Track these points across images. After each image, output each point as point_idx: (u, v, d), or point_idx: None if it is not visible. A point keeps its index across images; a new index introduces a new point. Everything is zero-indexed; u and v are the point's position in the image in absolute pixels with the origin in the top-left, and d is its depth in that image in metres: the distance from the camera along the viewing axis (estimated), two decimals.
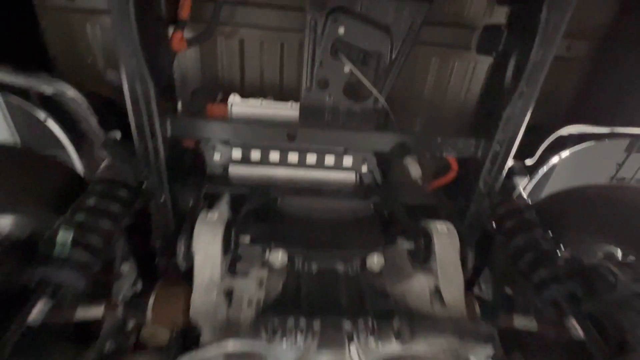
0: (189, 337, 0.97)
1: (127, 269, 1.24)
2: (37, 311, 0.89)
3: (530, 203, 1.29)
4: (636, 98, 1.44)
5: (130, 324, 1.20)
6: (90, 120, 1.49)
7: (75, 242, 0.97)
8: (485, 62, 1.39)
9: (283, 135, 1.07)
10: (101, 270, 1.20)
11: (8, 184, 1.02)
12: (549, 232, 1.20)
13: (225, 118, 1.16)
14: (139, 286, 1.33)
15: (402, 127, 1.21)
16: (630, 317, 1.08)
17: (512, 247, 1.19)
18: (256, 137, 1.08)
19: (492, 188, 1.17)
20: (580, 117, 1.42)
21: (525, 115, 1.03)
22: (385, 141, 1.12)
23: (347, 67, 1.11)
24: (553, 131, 1.40)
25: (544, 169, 1.61)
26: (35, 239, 1.04)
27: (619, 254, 1.15)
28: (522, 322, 1.16)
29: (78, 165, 1.44)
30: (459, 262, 0.97)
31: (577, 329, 1.02)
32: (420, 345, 0.85)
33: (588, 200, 1.23)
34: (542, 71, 0.96)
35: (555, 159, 1.58)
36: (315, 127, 1.10)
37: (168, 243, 1.22)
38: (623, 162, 1.98)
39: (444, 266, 0.95)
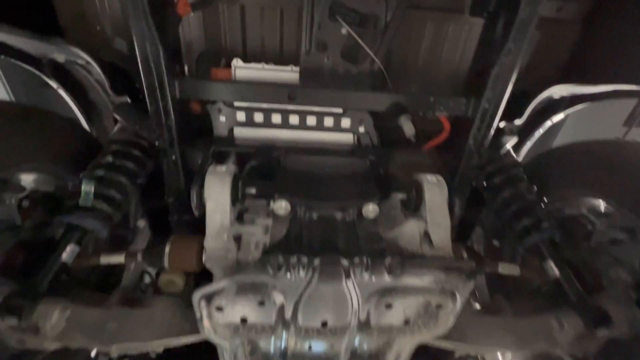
0: (202, 283, 1.09)
1: (143, 225, 1.34)
2: (67, 253, 0.99)
3: (517, 161, 1.37)
4: (628, 58, 1.47)
5: (149, 273, 1.32)
6: (99, 88, 1.56)
7: (96, 194, 1.07)
8: (478, 26, 1.43)
9: (284, 96, 1.14)
10: (119, 225, 1.31)
11: (30, 143, 1.11)
12: (534, 186, 1.28)
13: (229, 81, 1.23)
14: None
15: (397, 88, 1.27)
16: (604, 262, 1.17)
17: (499, 201, 1.28)
18: (259, 97, 1.15)
19: (482, 145, 1.24)
20: (573, 80, 1.47)
21: (512, 73, 1.09)
22: (381, 101, 1.19)
23: (344, 30, 1.16)
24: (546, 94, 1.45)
25: (540, 131, 1.67)
26: (58, 194, 1.14)
27: (602, 206, 1.24)
28: (506, 268, 1.26)
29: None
30: (446, 209, 1.05)
31: (554, 271, 1.12)
32: (410, 279, 0.96)
33: (576, 156, 1.30)
34: (529, 28, 1.01)
35: (548, 122, 1.64)
36: (314, 87, 1.16)
37: (179, 200, 1.31)
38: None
39: (432, 212, 1.04)
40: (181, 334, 1.11)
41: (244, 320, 1.00)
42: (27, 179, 1.13)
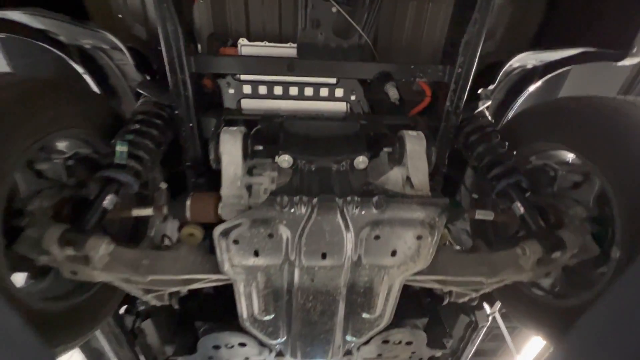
0: None
1: (165, 186, 1.54)
2: (107, 201, 1.19)
3: (491, 121, 1.55)
4: (595, 23, 1.59)
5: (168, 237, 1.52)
6: (119, 73, 1.75)
7: (128, 154, 1.26)
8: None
9: (284, 67, 1.33)
10: (144, 186, 1.50)
11: (65, 111, 1.26)
12: (506, 142, 1.46)
13: (237, 56, 1.41)
14: None
15: (383, 59, 1.45)
16: (565, 203, 1.36)
17: (474, 156, 1.46)
18: (262, 69, 1.34)
19: (458, 107, 1.42)
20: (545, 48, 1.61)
21: (479, 40, 1.27)
22: (369, 70, 1.37)
23: (334, 8, 1.34)
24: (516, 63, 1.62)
25: (520, 100, 1.84)
26: (94, 157, 1.34)
27: (565, 155, 1.41)
28: (482, 214, 1.45)
29: None
30: (425, 157, 1.24)
31: (520, 210, 1.30)
32: (393, 212, 1.14)
33: (544, 113, 1.47)
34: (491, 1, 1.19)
35: (526, 92, 1.81)
36: (310, 59, 1.35)
37: (196, 165, 1.51)
38: None
39: (413, 159, 1.23)
40: (203, 272, 1.31)
41: (256, 253, 1.19)
42: (66, 144, 1.32)
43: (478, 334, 2.34)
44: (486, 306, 2.28)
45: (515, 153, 1.44)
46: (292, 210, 1.12)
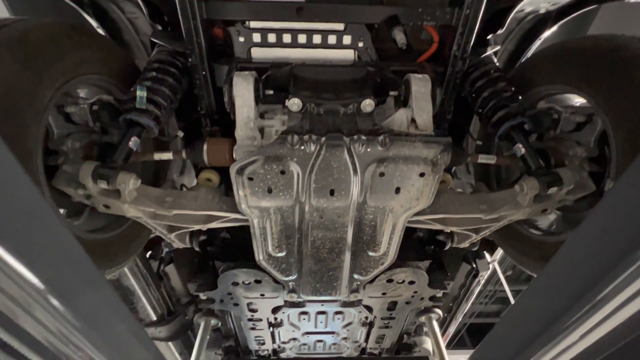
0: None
1: (182, 135, 1.63)
2: (132, 142, 1.29)
3: (498, 66, 1.56)
4: None
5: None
6: (131, 26, 1.79)
7: (147, 100, 1.34)
8: None
9: (293, 12, 1.35)
10: (161, 133, 1.59)
11: (85, 56, 1.32)
12: (512, 87, 1.48)
13: (247, 1, 1.43)
14: None
15: (391, 2, 1.45)
16: (566, 145, 1.40)
17: (480, 101, 1.49)
18: (272, 14, 1.37)
19: (465, 51, 1.43)
20: None
21: None
22: (377, 13, 1.38)
23: None
24: (528, 6, 1.59)
25: (533, 47, 1.81)
26: (116, 103, 1.42)
27: (569, 97, 1.43)
28: (485, 158, 1.50)
29: None
30: (429, 98, 1.28)
31: (522, 150, 1.35)
32: (398, 149, 1.21)
33: (551, 56, 1.46)
34: None
35: (539, 40, 1.78)
36: (318, 3, 1.36)
37: (210, 113, 1.58)
38: None
39: (418, 100, 1.27)
40: (221, 210, 1.42)
41: (269, 190, 1.29)
42: (88, 91, 1.41)
43: (479, 281, 2.49)
44: (487, 255, 2.40)
45: (521, 98, 1.46)
46: (302, 147, 1.20)
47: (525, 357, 1.03)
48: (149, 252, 2.29)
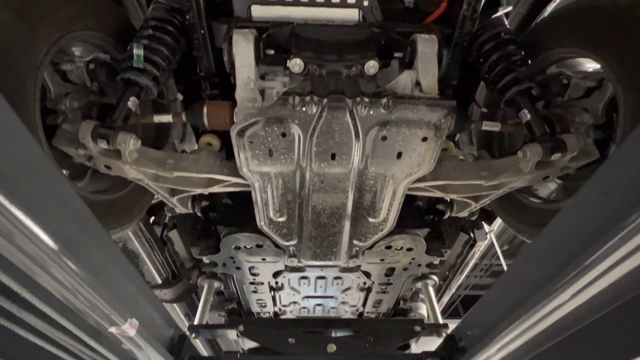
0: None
1: (181, 98, 1.60)
2: (131, 102, 1.27)
3: (509, 29, 1.49)
4: None
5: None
6: None
7: (145, 59, 1.30)
8: None
9: None
10: (160, 95, 1.57)
11: (85, 12, 1.27)
12: (521, 51, 1.42)
13: None
14: None
15: None
16: (573, 112, 1.37)
17: (487, 65, 1.44)
18: None
19: (475, 11, 1.37)
20: None
21: None
22: None
23: None
24: None
25: (548, 10, 1.72)
26: (113, 62, 1.38)
27: (580, 62, 1.38)
28: (489, 125, 1.48)
29: None
30: (435, 60, 1.24)
31: (527, 116, 1.32)
32: (401, 112, 1.19)
33: (561, 18, 1.40)
34: None
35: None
36: None
37: (209, 74, 1.54)
38: None
39: (424, 62, 1.23)
40: (222, 174, 1.43)
41: (270, 152, 1.29)
42: (83, 49, 1.36)
43: (475, 252, 2.54)
44: (485, 226, 2.43)
45: (530, 62, 1.41)
46: (304, 109, 1.18)
47: (520, 313, 1.07)
48: (152, 218, 2.33)
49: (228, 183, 1.49)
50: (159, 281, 2.43)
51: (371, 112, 1.19)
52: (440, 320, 2.04)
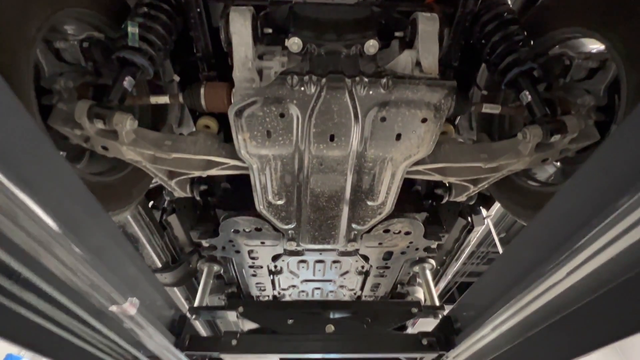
0: None
1: (178, 79, 1.58)
2: (127, 81, 1.25)
3: (511, 8, 1.46)
4: None
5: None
6: None
7: (140, 37, 1.27)
8: None
9: None
10: (157, 76, 1.54)
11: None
12: (524, 31, 1.40)
13: None
14: None
15: None
16: (575, 94, 1.35)
17: (489, 46, 1.42)
18: None
19: None
20: None
21: None
22: None
23: None
24: None
25: None
26: (107, 41, 1.35)
27: (583, 42, 1.36)
28: (489, 108, 1.47)
29: None
30: (436, 39, 1.22)
31: (528, 98, 1.31)
32: (401, 92, 1.18)
33: None
34: None
35: None
36: None
37: (206, 55, 1.51)
38: None
39: (424, 41, 1.21)
40: (220, 156, 1.42)
41: (268, 134, 1.28)
42: (76, 27, 1.33)
43: (472, 237, 2.56)
44: (483, 211, 2.45)
45: (533, 43, 1.39)
46: (302, 89, 1.16)
47: (514, 293, 1.09)
48: (152, 202, 2.33)
49: (226, 165, 1.48)
50: (159, 265, 2.44)
51: (370, 92, 1.17)
52: (437, 303, 2.08)
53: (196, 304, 2.02)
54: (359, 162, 1.41)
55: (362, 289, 2.55)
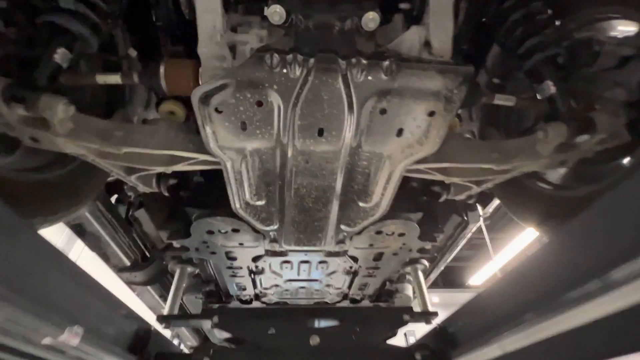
0: None
1: (135, 54, 1.30)
2: (59, 55, 0.97)
3: None
4: None
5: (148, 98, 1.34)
6: None
7: None
8: None
9: None
10: (109, 49, 1.26)
11: None
12: (548, 9, 1.19)
13: None
14: None
15: None
16: (602, 85, 1.16)
17: (506, 26, 1.20)
18: None
19: None
20: None
21: None
22: None
23: None
24: None
25: None
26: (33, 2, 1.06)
27: (617, 24, 1.17)
28: (502, 99, 1.27)
29: None
30: (451, 12, 0.99)
31: (550, 89, 1.11)
32: (406, 79, 0.96)
33: None
34: None
35: None
36: None
37: (169, 25, 1.24)
38: None
39: (436, 15, 0.98)
40: (186, 150, 1.18)
41: (243, 125, 1.04)
42: None
43: (466, 233, 2.43)
44: (479, 208, 2.31)
45: (558, 24, 1.18)
46: (285, 71, 0.92)
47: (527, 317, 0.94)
48: (116, 196, 2.06)
49: (195, 161, 1.24)
50: (128, 263, 2.21)
51: (369, 78, 0.95)
52: (430, 307, 1.95)
53: (166, 311, 1.82)
54: (351, 160, 1.20)
55: (349, 287, 2.41)
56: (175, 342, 2.84)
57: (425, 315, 1.82)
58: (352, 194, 1.36)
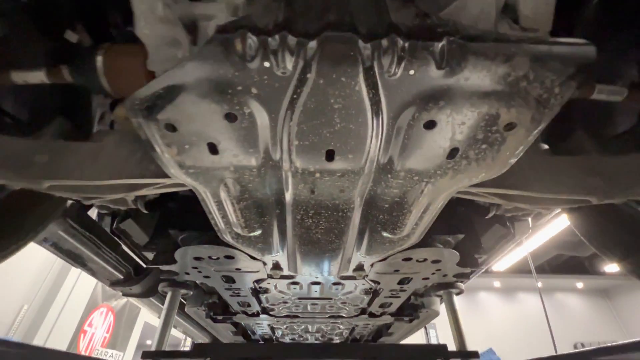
0: None
1: (74, 39, 0.95)
2: None
3: None
4: None
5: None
6: None
7: None
8: None
9: None
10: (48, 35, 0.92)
11: None
12: None
13: None
14: None
15: None
16: None
17: None
18: None
19: None
20: None
21: None
22: None
23: None
24: None
25: None
26: None
27: None
28: (606, 91, 0.84)
29: None
30: None
31: None
32: (474, 74, 0.57)
33: None
34: None
35: None
36: None
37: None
38: None
39: None
40: (145, 176, 0.85)
41: (212, 147, 0.69)
42: None
43: (510, 245, 2.03)
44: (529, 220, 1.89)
45: None
46: (267, 65, 0.55)
47: None
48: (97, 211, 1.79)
49: (161, 185, 0.92)
50: (120, 277, 1.99)
51: (411, 73, 0.56)
52: (467, 344, 1.61)
53: (154, 346, 1.57)
54: (375, 188, 0.83)
55: (369, 304, 2.10)
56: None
57: (462, 356, 1.48)
58: (375, 224, 1.01)
